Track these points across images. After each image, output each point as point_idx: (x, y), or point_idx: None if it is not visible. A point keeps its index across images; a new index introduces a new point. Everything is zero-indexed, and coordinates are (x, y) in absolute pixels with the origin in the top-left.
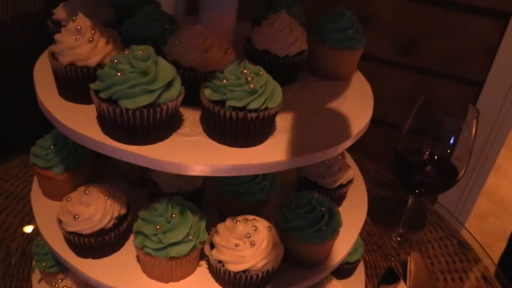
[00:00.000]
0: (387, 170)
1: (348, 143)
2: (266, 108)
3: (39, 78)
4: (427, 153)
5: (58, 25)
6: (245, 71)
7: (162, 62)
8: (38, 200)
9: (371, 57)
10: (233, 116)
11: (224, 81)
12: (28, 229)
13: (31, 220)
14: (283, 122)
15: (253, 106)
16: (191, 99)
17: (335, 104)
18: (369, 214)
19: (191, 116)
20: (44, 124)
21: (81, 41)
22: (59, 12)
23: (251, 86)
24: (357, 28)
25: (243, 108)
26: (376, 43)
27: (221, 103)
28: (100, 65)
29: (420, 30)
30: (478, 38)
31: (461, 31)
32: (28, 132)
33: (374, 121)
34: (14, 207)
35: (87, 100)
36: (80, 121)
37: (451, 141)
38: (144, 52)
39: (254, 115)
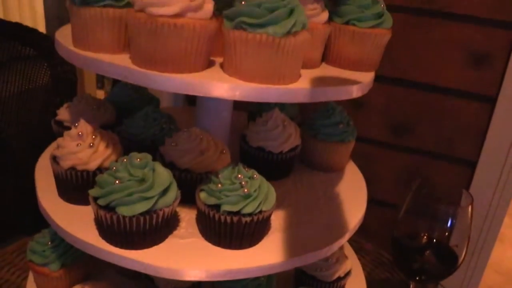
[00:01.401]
0: (386, 250)
1: (343, 240)
2: (260, 212)
3: (40, 178)
4: (425, 237)
5: (61, 126)
6: (239, 175)
7: (159, 168)
8: None
9: (365, 139)
10: (228, 220)
11: (219, 185)
12: None
13: None
14: (278, 220)
15: (247, 210)
16: (187, 199)
17: (329, 199)
18: None
19: (187, 216)
20: None
21: (82, 146)
22: (62, 113)
23: (245, 190)
24: (348, 122)
25: (237, 213)
26: (369, 126)
27: (216, 207)
28: (99, 168)
29: (411, 113)
30: (468, 120)
31: (451, 113)
32: (27, 215)
33: (371, 201)
34: None
35: (85, 202)
36: (77, 223)
37: (448, 225)
38: (142, 160)
39: (248, 219)
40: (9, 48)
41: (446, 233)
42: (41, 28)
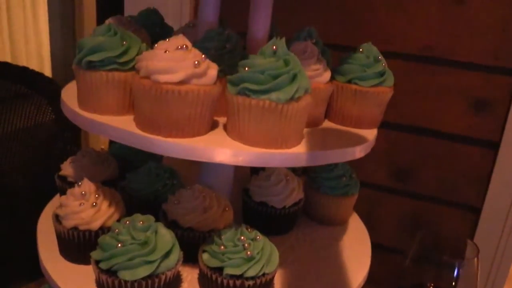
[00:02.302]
0: None
1: None
2: (263, 274)
3: (42, 235)
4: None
5: (65, 181)
6: (242, 237)
7: (162, 230)
8: None
9: (368, 184)
10: (230, 284)
11: (222, 247)
12: None
13: None
14: (281, 280)
15: (250, 273)
16: (190, 258)
17: (333, 255)
18: None
19: (189, 276)
20: None
21: (85, 206)
22: (66, 169)
23: (248, 253)
24: (351, 175)
25: (240, 276)
26: (372, 171)
27: (219, 269)
28: (102, 228)
29: (413, 158)
30: (471, 165)
31: (454, 159)
32: (29, 260)
33: (375, 246)
34: None
35: (87, 261)
36: (78, 285)
37: (454, 276)
38: (145, 223)
39: (251, 282)
40: (15, 91)
41: (453, 283)
42: (47, 71)
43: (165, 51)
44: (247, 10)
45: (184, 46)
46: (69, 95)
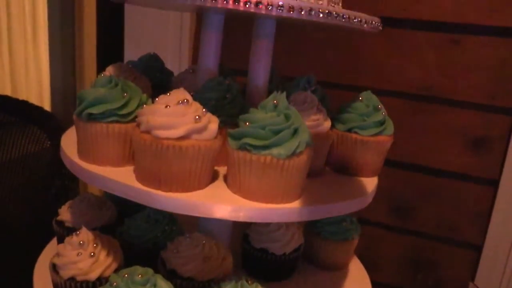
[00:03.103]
0: None
1: None
2: None
3: (38, 284)
4: None
5: (62, 226)
6: None
7: (161, 283)
8: None
9: (369, 222)
10: None
11: None
12: None
13: None
14: None
15: None
16: None
17: None
18: None
19: None
20: None
21: (83, 256)
22: (64, 214)
23: None
24: (352, 219)
25: None
26: (372, 208)
27: None
28: (100, 279)
29: (414, 196)
30: (471, 203)
31: (454, 197)
32: None
33: (374, 284)
34: None
35: None
36: None
37: None
38: (143, 276)
39: None
40: (14, 124)
41: None
42: (47, 103)
43: (166, 106)
44: (248, 49)
45: (185, 100)
46: (69, 143)
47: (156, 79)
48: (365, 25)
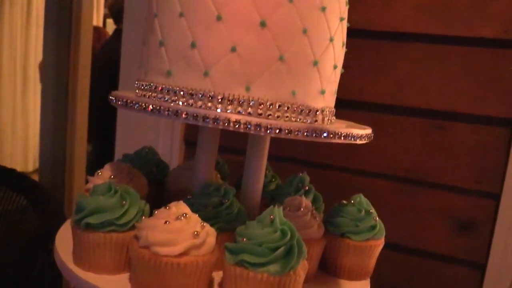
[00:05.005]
0: None
1: None
2: None
3: None
4: None
5: None
6: None
7: None
8: None
9: None
10: None
11: None
12: None
13: None
14: None
15: None
16: None
17: None
18: None
19: None
20: None
21: None
22: None
23: None
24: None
25: None
26: None
27: None
28: None
29: (400, 278)
30: (458, 287)
31: (440, 280)
32: None
33: None
34: None
35: None
36: None
37: None
38: None
39: None
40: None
41: None
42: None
43: (165, 222)
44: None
45: (184, 214)
46: (63, 245)
47: (152, 174)
48: (358, 140)
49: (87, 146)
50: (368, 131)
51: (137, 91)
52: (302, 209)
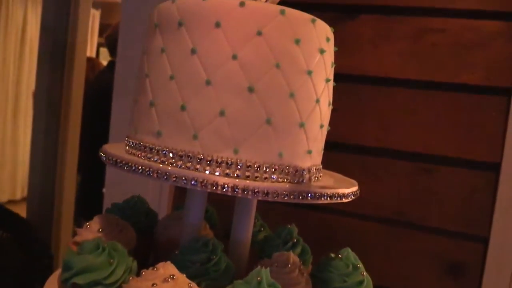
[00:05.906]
0: None
1: None
2: None
3: None
4: None
5: None
6: None
7: None
8: None
9: None
10: None
11: None
12: None
13: None
14: None
15: None
16: None
17: None
18: None
19: None
20: None
21: None
22: None
23: None
24: None
25: None
26: None
27: None
28: None
29: None
30: None
31: None
32: None
33: None
34: None
35: None
36: None
37: None
38: None
39: None
40: None
41: None
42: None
43: (153, 284)
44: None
45: (171, 276)
46: None
47: (141, 223)
48: (344, 199)
49: (76, 176)
50: (354, 188)
51: (127, 147)
52: (289, 265)
